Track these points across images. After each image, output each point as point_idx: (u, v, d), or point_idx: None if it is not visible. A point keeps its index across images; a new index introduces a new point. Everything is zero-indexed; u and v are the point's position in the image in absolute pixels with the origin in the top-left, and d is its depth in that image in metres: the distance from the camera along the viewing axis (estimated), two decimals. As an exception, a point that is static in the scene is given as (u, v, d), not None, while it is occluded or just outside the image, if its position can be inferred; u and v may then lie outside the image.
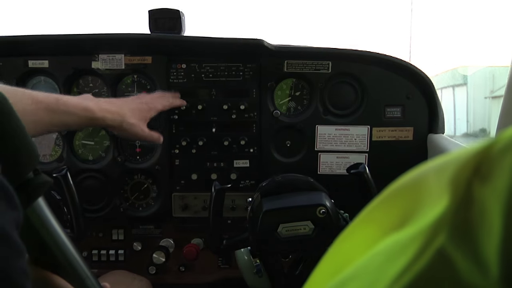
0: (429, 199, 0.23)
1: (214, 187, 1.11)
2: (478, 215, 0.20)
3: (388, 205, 0.28)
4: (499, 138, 0.21)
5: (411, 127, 1.42)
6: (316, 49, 1.39)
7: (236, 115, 1.41)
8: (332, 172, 1.44)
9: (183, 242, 1.50)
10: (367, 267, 0.24)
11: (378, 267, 0.23)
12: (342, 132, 1.42)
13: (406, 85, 1.41)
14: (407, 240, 0.22)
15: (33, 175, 0.56)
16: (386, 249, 0.23)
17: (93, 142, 1.47)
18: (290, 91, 1.44)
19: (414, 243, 0.21)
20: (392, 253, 0.22)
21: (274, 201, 1.04)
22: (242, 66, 1.41)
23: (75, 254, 0.67)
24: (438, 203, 0.22)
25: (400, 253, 0.22)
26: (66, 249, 0.65)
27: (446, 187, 0.22)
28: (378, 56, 1.38)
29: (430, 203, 0.23)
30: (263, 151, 1.44)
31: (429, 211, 0.22)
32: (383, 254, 0.23)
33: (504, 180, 0.20)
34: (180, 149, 1.43)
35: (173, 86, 1.41)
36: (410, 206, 0.25)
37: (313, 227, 1.01)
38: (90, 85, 1.45)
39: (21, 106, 0.84)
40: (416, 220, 0.23)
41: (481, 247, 0.19)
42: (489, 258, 0.19)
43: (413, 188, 0.26)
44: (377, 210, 0.29)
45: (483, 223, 0.20)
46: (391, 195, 0.28)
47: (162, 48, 1.41)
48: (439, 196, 0.22)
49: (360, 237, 0.29)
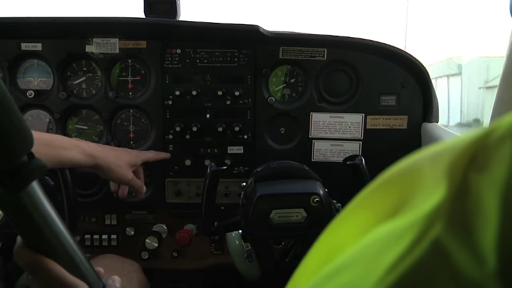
0: (425, 187, 0.23)
1: (209, 168, 1.11)
2: (475, 206, 0.20)
3: (382, 191, 0.27)
4: (496, 126, 0.21)
5: (406, 116, 1.42)
6: (311, 36, 1.38)
7: (230, 101, 1.41)
8: (326, 160, 1.44)
9: (176, 227, 1.50)
10: (360, 256, 0.23)
11: (372, 256, 0.22)
12: (336, 120, 1.42)
13: (402, 73, 1.41)
14: (402, 229, 0.22)
15: (28, 159, 0.56)
16: (380, 238, 0.23)
17: (87, 127, 1.46)
18: (285, 78, 1.44)
19: (409, 232, 0.21)
20: (387, 242, 0.22)
21: (268, 187, 1.05)
22: (237, 52, 1.40)
23: (69, 239, 0.66)
24: (434, 192, 0.21)
25: (394, 242, 0.22)
26: (60, 234, 0.64)
27: (442, 176, 0.22)
28: (373, 44, 1.37)
29: (426, 192, 0.22)
30: (257, 137, 1.44)
31: (425, 200, 0.22)
32: (377, 243, 0.23)
33: (501, 169, 0.19)
34: (174, 134, 1.42)
35: (167, 71, 1.40)
36: (405, 193, 0.24)
37: (306, 215, 1.02)
38: (83, 69, 1.44)
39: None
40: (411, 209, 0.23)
41: (478, 238, 0.19)
42: (486, 249, 0.19)
43: (408, 175, 0.25)
44: (370, 197, 0.28)
45: (480, 213, 0.20)
46: (385, 182, 0.27)
47: (156, 32, 1.40)
48: (435, 185, 0.22)
49: (353, 224, 0.28)
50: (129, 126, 1.45)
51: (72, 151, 1.08)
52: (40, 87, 1.44)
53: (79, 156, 1.09)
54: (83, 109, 1.45)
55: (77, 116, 1.46)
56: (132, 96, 1.44)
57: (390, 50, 1.38)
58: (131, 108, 1.45)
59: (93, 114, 1.45)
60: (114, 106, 1.43)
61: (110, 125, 1.44)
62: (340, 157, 1.42)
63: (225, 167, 1.13)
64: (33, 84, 1.44)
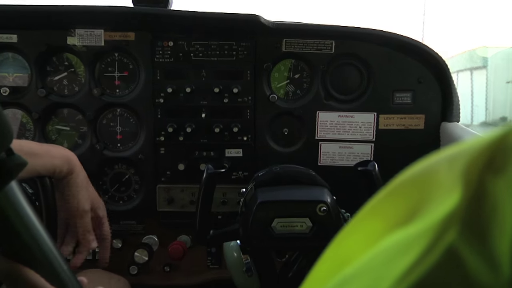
0: (439, 192, 0.24)
1: (206, 170, 1.11)
2: (491, 211, 0.21)
3: (394, 198, 0.28)
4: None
5: (423, 115, 1.43)
6: (318, 27, 1.39)
7: (228, 99, 1.42)
8: (334, 164, 1.45)
9: (168, 239, 1.51)
10: (371, 265, 0.24)
11: (383, 265, 0.23)
12: (345, 119, 1.43)
13: (418, 68, 1.41)
14: (415, 236, 0.23)
15: (6, 155, 0.56)
16: (392, 246, 0.24)
17: (69, 128, 1.47)
18: (289, 73, 1.44)
19: (422, 239, 0.22)
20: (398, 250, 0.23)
21: (270, 193, 1.05)
22: (235, 44, 1.41)
23: (51, 246, 0.66)
24: (449, 197, 0.22)
25: (406, 250, 0.22)
26: (40, 240, 0.64)
27: (458, 180, 0.22)
28: (386, 35, 1.38)
29: (440, 197, 0.23)
30: (258, 139, 1.45)
31: (439, 206, 0.23)
32: (388, 251, 0.24)
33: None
34: (166, 136, 1.43)
35: (159, 66, 1.41)
36: (419, 199, 0.25)
37: (311, 225, 1.02)
38: (65, 63, 1.44)
39: None
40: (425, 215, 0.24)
41: (493, 244, 0.20)
42: (501, 257, 0.19)
43: (422, 180, 0.26)
44: (382, 204, 0.29)
45: (496, 219, 0.20)
46: (398, 188, 0.28)
47: (146, 23, 1.41)
48: (450, 189, 0.23)
49: (364, 232, 0.29)
50: (116, 127, 1.46)
51: (43, 158, 1.01)
52: (16, 83, 1.44)
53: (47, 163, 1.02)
54: (64, 108, 1.46)
55: (57, 116, 1.47)
56: (119, 94, 1.45)
57: (405, 41, 1.38)
58: (118, 107, 1.46)
59: (76, 113, 1.46)
60: (99, 105, 1.44)
61: (94, 126, 1.45)
62: (349, 161, 1.43)
63: (223, 169, 1.13)
64: (8, 80, 1.44)
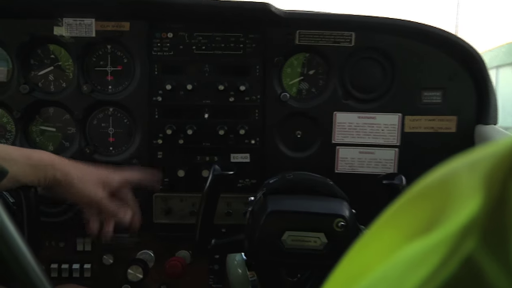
0: (459, 199, 0.24)
1: (212, 171, 1.12)
2: None
3: (412, 207, 0.29)
4: None
5: (454, 116, 1.43)
6: (336, 17, 1.39)
7: (234, 97, 1.43)
8: (353, 171, 1.45)
9: (165, 255, 1.51)
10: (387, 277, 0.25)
11: (399, 277, 0.24)
12: (366, 121, 1.43)
13: (449, 63, 1.41)
14: (432, 247, 0.23)
15: None
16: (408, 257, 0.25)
17: (55, 129, 1.48)
18: (302, 69, 1.45)
19: (439, 249, 0.23)
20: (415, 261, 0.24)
21: (282, 201, 1.05)
22: (242, 36, 1.42)
23: (33, 263, 0.67)
24: (469, 204, 0.23)
25: (423, 261, 0.23)
26: (21, 257, 0.65)
27: (478, 186, 0.23)
28: (413, 26, 1.38)
29: (459, 204, 0.24)
30: (267, 143, 1.45)
31: (458, 214, 0.23)
32: (405, 263, 0.25)
33: None
34: (164, 139, 1.44)
35: (156, 60, 1.43)
36: (438, 208, 0.26)
37: (326, 242, 1.02)
38: (51, 56, 1.46)
39: None
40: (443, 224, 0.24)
41: None
42: None
43: (442, 188, 0.27)
44: (400, 213, 0.30)
45: None
46: (416, 197, 0.29)
47: (142, 11, 1.42)
48: (470, 196, 0.23)
49: (380, 244, 0.30)
50: (108, 128, 1.47)
51: (22, 164, 1.03)
52: (-5, 78, 1.46)
53: (32, 170, 1.05)
54: (50, 107, 1.48)
55: (42, 115, 1.48)
56: (111, 91, 1.46)
57: (435, 33, 1.39)
58: (110, 105, 1.47)
59: (63, 112, 1.48)
60: (89, 103, 1.45)
61: (84, 126, 1.47)
62: (370, 168, 1.44)
63: (232, 172, 1.14)
64: None
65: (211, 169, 1.13)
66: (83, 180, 1.15)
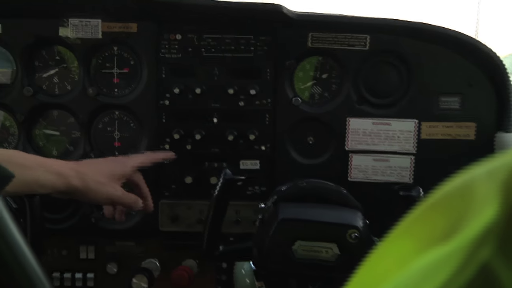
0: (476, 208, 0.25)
1: (223, 175, 1.12)
2: None
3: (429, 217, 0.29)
4: None
5: (473, 123, 1.43)
6: (350, 19, 1.40)
7: (244, 102, 1.43)
8: (367, 179, 1.45)
9: (171, 264, 1.51)
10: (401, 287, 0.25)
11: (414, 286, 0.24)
12: (381, 127, 1.43)
13: (468, 67, 1.41)
14: (448, 255, 0.24)
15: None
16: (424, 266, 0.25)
17: (59, 133, 1.49)
18: (315, 73, 1.45)
19: (455, 257, 0.23)
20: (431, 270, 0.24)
21: (294, 209, 1.06)
22: (253, 39, 1.42)
23: (37, 269, 0.68)
24: (485, 212, 0.23)
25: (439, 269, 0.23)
26: (25, 263, 0.66)
27: (496, 194, 0.23)
28: (431, 29, 1.38)
29: (477, 212, 0.24)
30: (278, 149, 1.45)
31: (475, 221, 0.24)
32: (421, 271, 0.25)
33: None
34: (171, 144, 1.45)
35: (164, 62, 1.43)
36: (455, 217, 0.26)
37: (338, 253, 1.02)
38: (56, 58, 1.47)
39: None
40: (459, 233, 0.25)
41: None
42: None
43: (459, 196, 0.27)
44: (416, 223, 0.30)
45: None
46: (432, 206, 0.29)
47: (150, 12, 1.43)
48: (487, 204, 0.24)
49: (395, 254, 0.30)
50: (114, 132, 1.48)
51: (36, 171, 1.04)
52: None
53: (47, 177, 1.05)
54: (54, 110, 1.48)
55: (46, 118, 1.49)
56: (118, 94, 1.47)
57: (453, 36, 1.38)
58: (116, 109, 1.47)
59: (67, 116, 1.48)
60: (94, 107, 1.45)
61: (89, 130, 1.47)
62: (385, 176, 1.43)
63: (243, 176, 1.14)
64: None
65: (221, 173, 1.13)
66: (100, 182, 1.16)
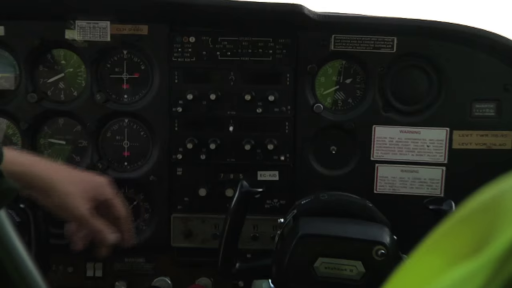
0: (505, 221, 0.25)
1: (240, 187, 1.13)
2: None
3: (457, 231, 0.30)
4: None
5: (510, 131, 1.42)
6: (376, 20, 1.40)
7: (262, 109, 1.43)
8: (394, 192, 1.45)
9: (184, 282, 1.51)
10: None
11: None
12: (409, 136, 1.43)
13: (505, 71, 1.40)
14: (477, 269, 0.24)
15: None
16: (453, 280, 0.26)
17: (65, 142, 1.50)
18: (338, 78, 1.45)
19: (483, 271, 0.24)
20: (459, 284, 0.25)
21: (315, 224, 1.06)
22: (272, 41, 1.43)
23: (40, 282, 0.69)
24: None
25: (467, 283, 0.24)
26: (28, 275, 0.67)
27: None
28: (463, 30, 1.38)
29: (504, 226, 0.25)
30: (298, 159, 1.46)
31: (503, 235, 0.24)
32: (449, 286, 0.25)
33: None
34: (185, 154, 1.45)
35: (177, 67, 1.44)
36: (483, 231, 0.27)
37: (364, 271, 1.02)
38: (62, 62, 1.48)
39: None
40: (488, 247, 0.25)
41: None
42: None
43: (488, 210, 0.28)
44: (444, 238, 0.31)
45: None
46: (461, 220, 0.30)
47: (162, 14, 1.44)
48: None
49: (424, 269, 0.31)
50: (123, 141, 1.49)
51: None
52: (2, 86, 1.48)
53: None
54: (60, 117, 1.49)
55: (51, 126, 1.49)
56: (127, 100, 1.48)
57: (488, 38, 1.38)
58: (126, 116, 1.48)
59: (74, 124, 1.49)
60: (102, 114, 1.46)
61: (96, 139, 1.48)
62: (413, 188, 1.43)
63: (261, 189, 1.14)
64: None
65: (237, 185, 1.13)
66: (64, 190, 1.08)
